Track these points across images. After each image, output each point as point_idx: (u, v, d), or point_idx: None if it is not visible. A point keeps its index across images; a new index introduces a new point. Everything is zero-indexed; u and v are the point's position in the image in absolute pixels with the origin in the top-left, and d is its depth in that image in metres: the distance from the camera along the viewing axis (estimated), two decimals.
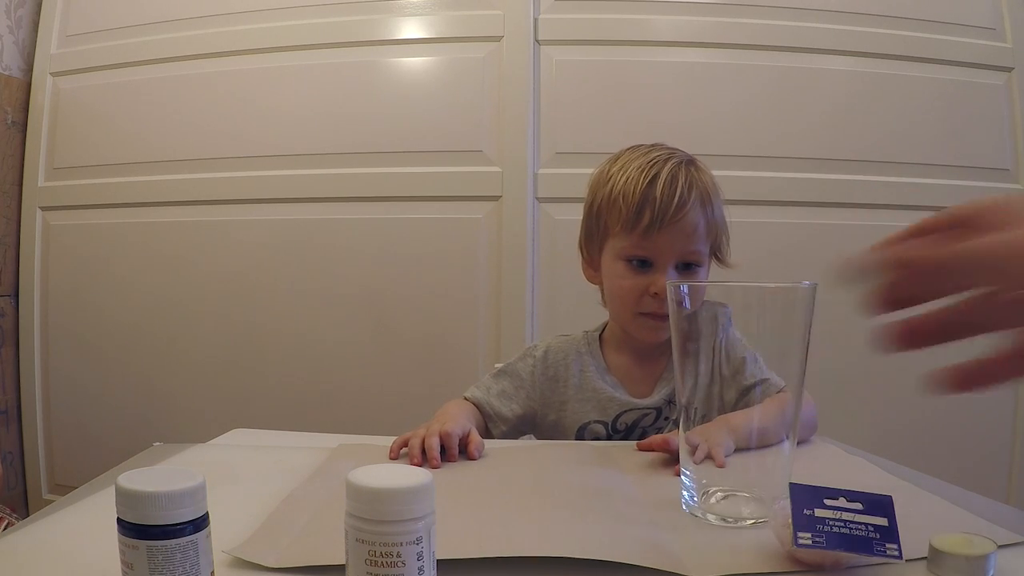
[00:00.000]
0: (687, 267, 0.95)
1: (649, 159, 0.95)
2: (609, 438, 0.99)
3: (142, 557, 0.39)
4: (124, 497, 0.39)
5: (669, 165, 0.94)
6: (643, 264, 0.95)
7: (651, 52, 1.79)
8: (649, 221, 0.92)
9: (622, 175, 0.95)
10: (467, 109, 1.80)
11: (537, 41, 1.79)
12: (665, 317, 0.92)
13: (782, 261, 1.74)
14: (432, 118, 1.81)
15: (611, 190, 0.96)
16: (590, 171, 1.04)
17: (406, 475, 0.40)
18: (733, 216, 1.03)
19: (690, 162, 0.97)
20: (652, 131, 1.76)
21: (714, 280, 0.98)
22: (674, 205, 0.91)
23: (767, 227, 1.75)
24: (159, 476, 0.41)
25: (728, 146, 1.76)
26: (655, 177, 0.92)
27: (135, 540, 0.39)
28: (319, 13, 1.85)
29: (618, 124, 1.77)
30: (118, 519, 0.40)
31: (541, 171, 1.78)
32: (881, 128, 1.78)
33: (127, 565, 0.39)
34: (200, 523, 0.40)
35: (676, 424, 0.96)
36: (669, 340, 0.96)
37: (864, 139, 1.78)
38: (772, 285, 0.58)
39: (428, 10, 1.83)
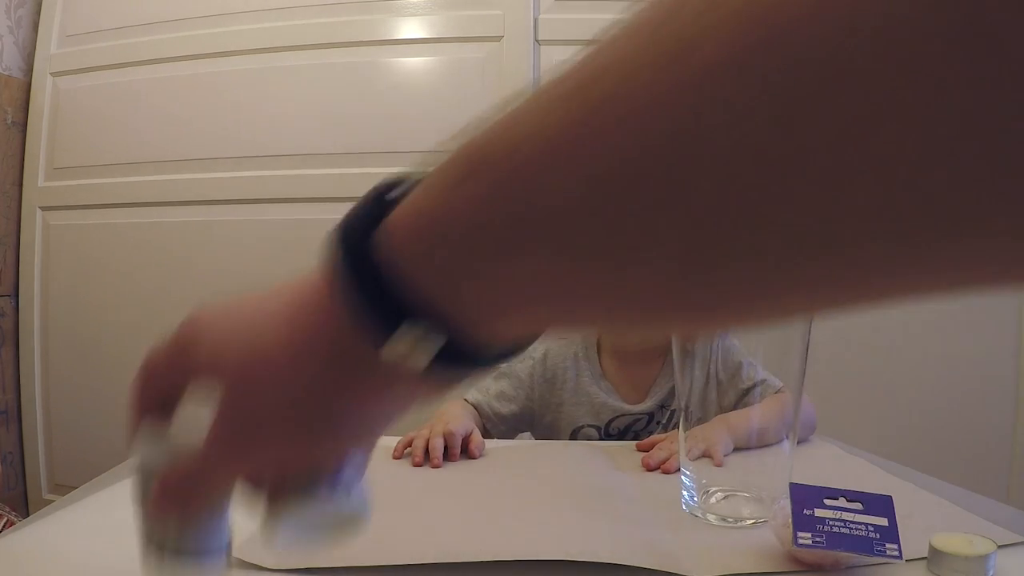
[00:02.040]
0: None
1: None
2: (602, 441, 1.00)
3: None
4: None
5: None
6: None
7: None
8: None
9: None
10: (467, 109, 1.79)
11: (537, 41, 1.79)
12: None
13: None
14: (432, 118, 1.81)
15: None
16: None
17: None
18: None
19: None
20: None
21: None
22: None
23: None
24: None
25: None
26: None
27: None
28: (319, 13, 1.85)
29: None
30: None
31: None
32: None
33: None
34: None
35: (666, 429, 0.97)
36: (662, 346, 0.98)
37: None
38: None
39: (428, 10, 1.83)
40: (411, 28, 1.83)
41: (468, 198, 0.22)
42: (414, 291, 0.24)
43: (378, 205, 0.25)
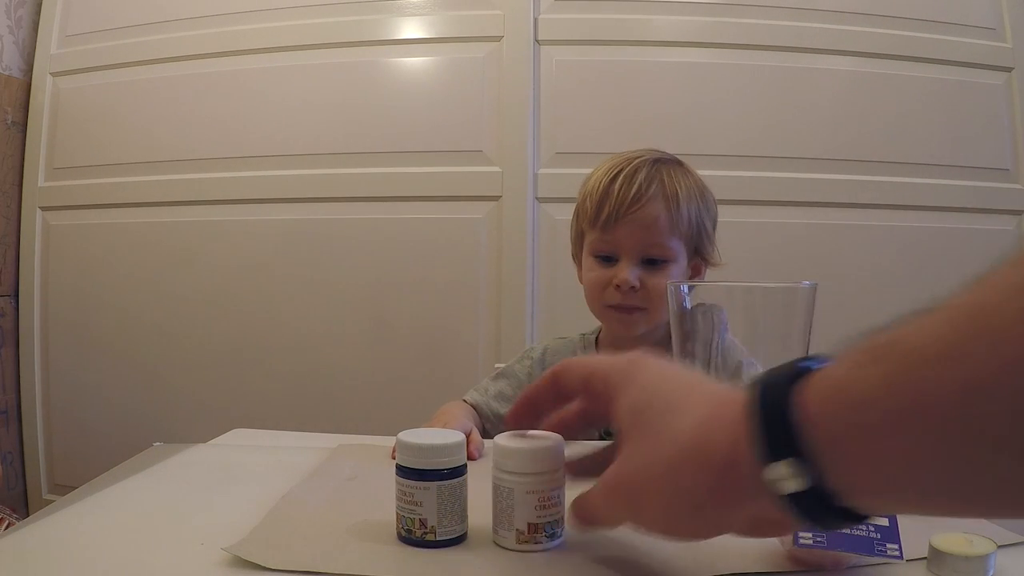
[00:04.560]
0: (652, 262, 0.95)
1: (621, 159, 0.98)
2: (602, 440, 0.99)
3: (432, 495, 0.50)
4: (416, 449, 0.51)
5: (635, 163, 0.96)
6: (607, 259, 0.96)
7: (651, 52, 1.79)
8: (607, 215, 0.94)
9: (593, 176, 0.98)
10: (467, 109, 1.79)
11: (537, 41, 1.79)
12: (630, 309, 0.95)
13: (782, 261, 1.74)
14: (432, 118, 1.81)
15: (584, 191, 0.99)
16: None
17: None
18: (732, 216, 1.03)
19: (661, 161, 0.97)
20: (652, 131, 1.77)
21: (714, 280, 0.98)
22: (630, 198, 0.93)
23: (767, 227, 1.75)
24: (432, 434, 0.54)
25: (727, 146, 1.76)
26: (617, 174, 0.95)
27: (426, 483, 0.51)
28: (319, 13, 1.85)
29: (618, 124, 1.77)
30: (402, 467, 0.51)
31: (541, 171, 1.78)
32: (881, 128, 1.78)
33: (415, 503, 0.51)
34: (464, 468, 0.53)
35: None
36: (661, 342, 0.97)
37: (863, 139, 1.78)
38: (772, 285, 0.58)
39: (428, 10, 1.83)
40: (411, 28, 1.83)
41: (869, 377, 0.29)
42: (807, 437, 0.31)
43: (796, 371, 0.33)
